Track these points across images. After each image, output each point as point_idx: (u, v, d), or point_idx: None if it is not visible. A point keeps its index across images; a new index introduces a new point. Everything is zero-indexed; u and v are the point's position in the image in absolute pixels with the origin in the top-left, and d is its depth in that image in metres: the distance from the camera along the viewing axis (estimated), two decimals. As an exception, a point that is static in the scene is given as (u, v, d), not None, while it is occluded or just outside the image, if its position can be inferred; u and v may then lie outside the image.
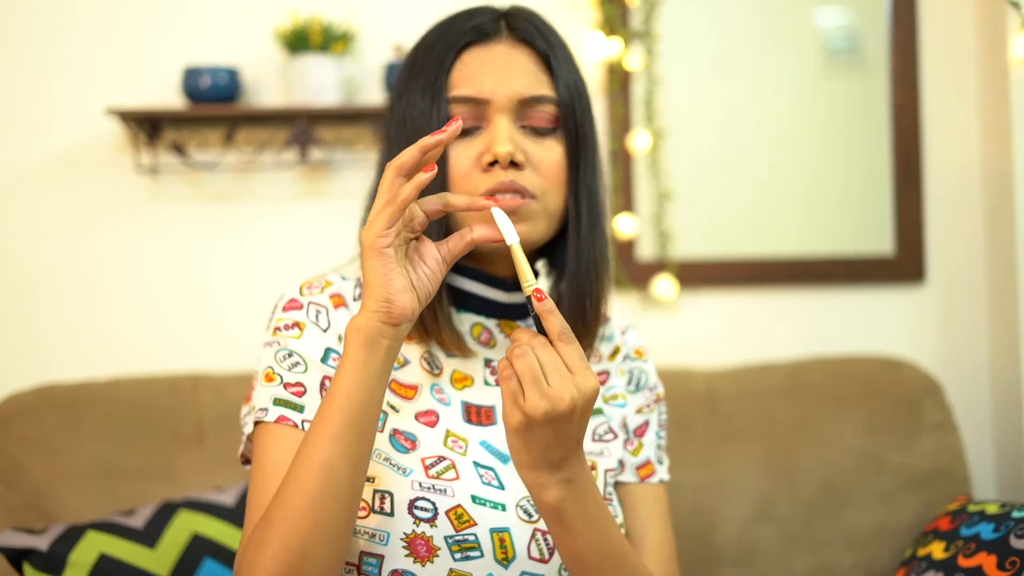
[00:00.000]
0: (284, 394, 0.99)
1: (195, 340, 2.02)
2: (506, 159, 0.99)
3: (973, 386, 2.08)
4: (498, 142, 0.99)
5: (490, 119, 1.02)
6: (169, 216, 2.03)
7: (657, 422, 1.17)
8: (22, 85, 2.01)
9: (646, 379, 1.17)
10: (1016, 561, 1.36)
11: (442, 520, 0.96)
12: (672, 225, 2.07)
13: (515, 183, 1.00)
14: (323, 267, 2.03)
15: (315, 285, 1.07)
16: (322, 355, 1.02)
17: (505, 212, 0.97)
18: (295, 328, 1.03)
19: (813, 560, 1.76)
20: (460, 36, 1.04)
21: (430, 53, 1.04)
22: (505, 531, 0.98)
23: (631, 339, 1.19)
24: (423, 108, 1.02)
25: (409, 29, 2.05)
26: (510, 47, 1.04)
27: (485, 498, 0.98)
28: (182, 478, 1.71)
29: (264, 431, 0.99)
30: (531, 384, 0.84)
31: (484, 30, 1.04)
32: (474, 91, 1.01)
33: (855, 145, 2.10)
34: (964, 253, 2.10)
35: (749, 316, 2.09)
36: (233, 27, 2.03)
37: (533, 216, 1.02)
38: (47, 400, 1.76)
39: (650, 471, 1.13)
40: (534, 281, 0.88)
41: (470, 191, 1.00)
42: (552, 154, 1.03)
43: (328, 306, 1.05)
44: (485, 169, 1.00)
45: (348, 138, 2.03)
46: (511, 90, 1.01)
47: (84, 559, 1.42)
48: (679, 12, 2.07)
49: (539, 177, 1.02)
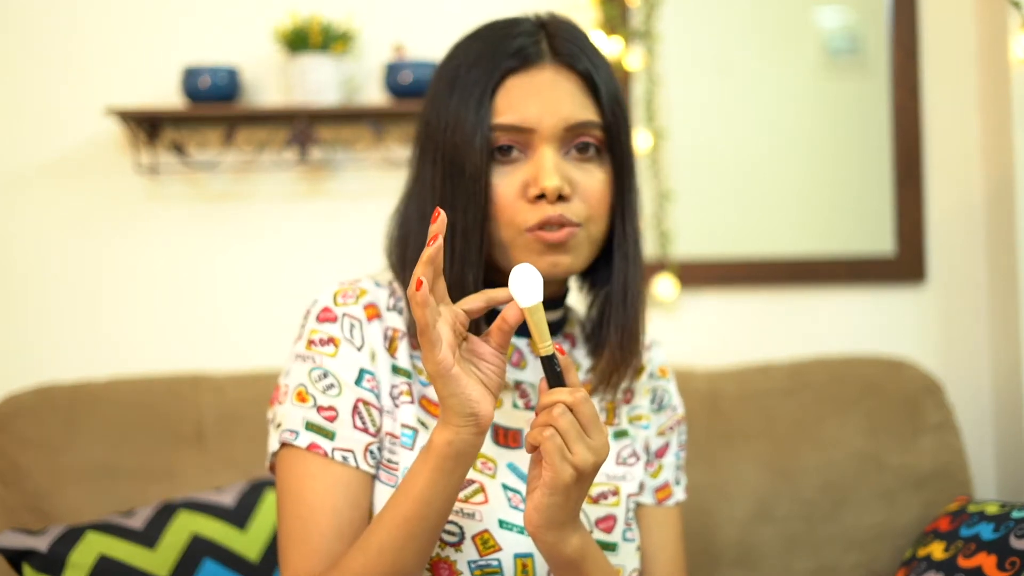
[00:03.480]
0: (316, 418, 0.99)
1: (195, 340, 2.02)
2: (554, 194, 0.97)
3: (974, 386, 2.08)
4: (546, 176, 0.98)
5: (535, 147, 1.00)
6: (168, 216, 2.03)
7: (677, 443, 1.16)
8: (22, 85, 2.01)
9: (668, 399, 1.16)
10: (1016, 561, 1.35)
11: (467, 545, 0.96)
12: (672, 225, 2.07)
13: (563, 216, 0.98)
14: (321, 267, 2.03)
15: (349, 294, 1.04)
16: (356, 377, 1.00)
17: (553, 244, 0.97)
18: (330, 344, 1.01)
19: (813, 560, 1.75)
20: (503, 59, 1.00)
21: (471, 72, 1.01)
22: (529, 557, 0.98)
23: (656, 357, 1.18)
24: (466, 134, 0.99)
25: (409, 29, 2.05)
26: (555, 72, 1.01)
27: (512, 523, 0.98)
28: (182, 479, 1.71)
29: (293, 456, 0.99)
30: (577, 439, 0.85)
31: (527, 55, 1.01)
32: (519, 119, 0.99)
33: (855, 145, 2.10)
34: (965, 253, 2.10)
35: (749, 316, 2.09)
36: (233, 27, 2.03)
37: (578, 246, 1.01)
38: (46, 400, 1.76)
39: (667, 493, 1.13)
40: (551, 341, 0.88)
41: (517, 223, 0.99)
42: (596, 180, 1.01)
43: (362, 319, 1.02)
44: (532, 201, 0.99)
45: (348, 138, 2.03)
46: (558, 118, 0.99)
47: (83, 560, 1.42)
48: (679, 12, 2.07)
49: (585, 205, 1.00)
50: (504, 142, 0.99)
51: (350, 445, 0.98)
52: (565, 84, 1.01)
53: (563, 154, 1.01)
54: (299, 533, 0.96)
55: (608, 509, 1.03)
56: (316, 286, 1.30)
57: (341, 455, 0.98)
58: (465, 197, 0.99)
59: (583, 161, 1.02)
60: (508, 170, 1.00)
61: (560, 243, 0.98)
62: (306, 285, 1.77)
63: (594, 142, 1.02)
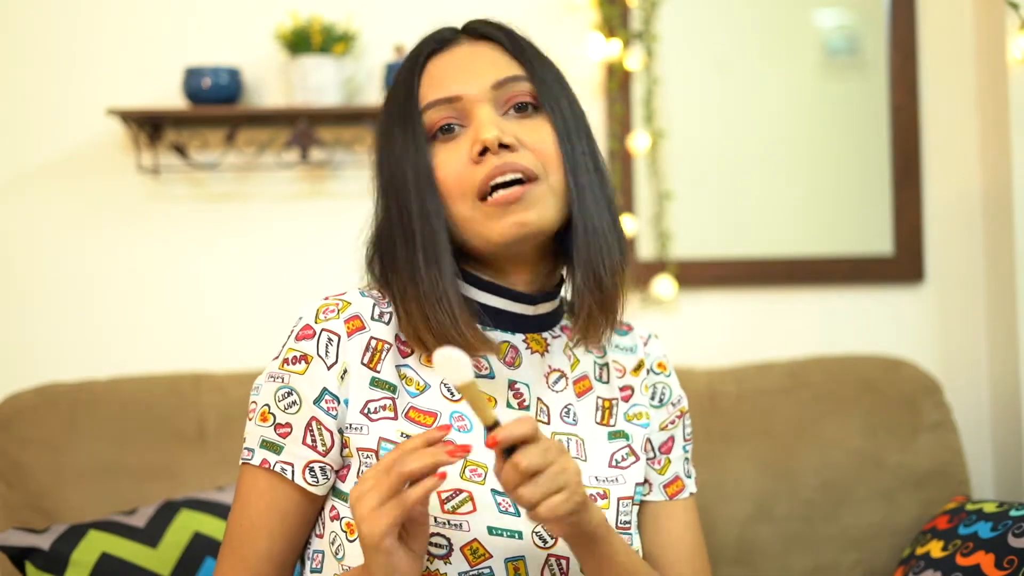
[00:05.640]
0: (271, 436, 1.00)
1: (196, 340, 2.02)
2: (495, 142, 0.97)
3: (972, 386, 2.08)
4: (483, 129, 0.98)
5: (470, 114, 1.00)
6: (170, 216, 2.04)
7: (683, 436, 1.15)
8: (23, 85, 2.02)
9: (669, 394, 1.14)
10: (1014, 560, 1.36)
11: (456, 556, 0.95)
12: (672, 225, 2.07)
13: (512, 163, 0.97)
14: (322, 267, 2.03)
15: (331, 308, 1.02)
16: (317, 395, 0.99)
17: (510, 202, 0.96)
18: (302, 362, 1.00)
19: (812, 559, 1.76)
20: (421, 49, 1.05)
21: (401, 71, 1.05)
22: (520, 559, 0.97)
23: (653, 351, 1.16)
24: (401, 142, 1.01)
25: (409, 29, 2.04)
26: (471, 45, 1.05)
27: (502, 527, 0.97)
28: (183, 477, 1.72)
29: (246, 473, 1.02)
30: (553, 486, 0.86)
31: (443, 38, 1.05)
32: (445, 92, 1.00)
33: (854, 145, 2.10)
34: (963, 253, 2.10)
35: (748, 316, 2.09)
36: (234, 28, 2.03)
37: (541, 198, 0.99)
38: (48, 400, 1.76)
39: (679, 487, 1.12)
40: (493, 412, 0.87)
41: (468, 187, 0.99)
42: (542, 132, 1.01)
43: (342, 333, 1.01)
44: (477, 160, 0.98)
45: (349, 139, 2.04)
46: (481, 79, 1.01)
47: (86, 558, 1.42)
48: (679, 12, 2.07)
49: (534, 155, 1.00)
50: (441, 120, 1.01)
51: (292, 459, 0.99)
52: (483, 50, 1.04)
53: (501, 114, 1.01)
54: (236, 545, 1.01)
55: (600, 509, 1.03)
56: (316, 286, 1.30)
57: (281, 467, 0.99)
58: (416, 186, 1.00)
59: (524, 118, 1.02)
60: (452, 146, 1.01)
61: (516, 199, 0.97)
62: (307, 285, 1.78)
63: (529, 99, 1.02)
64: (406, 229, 1.01)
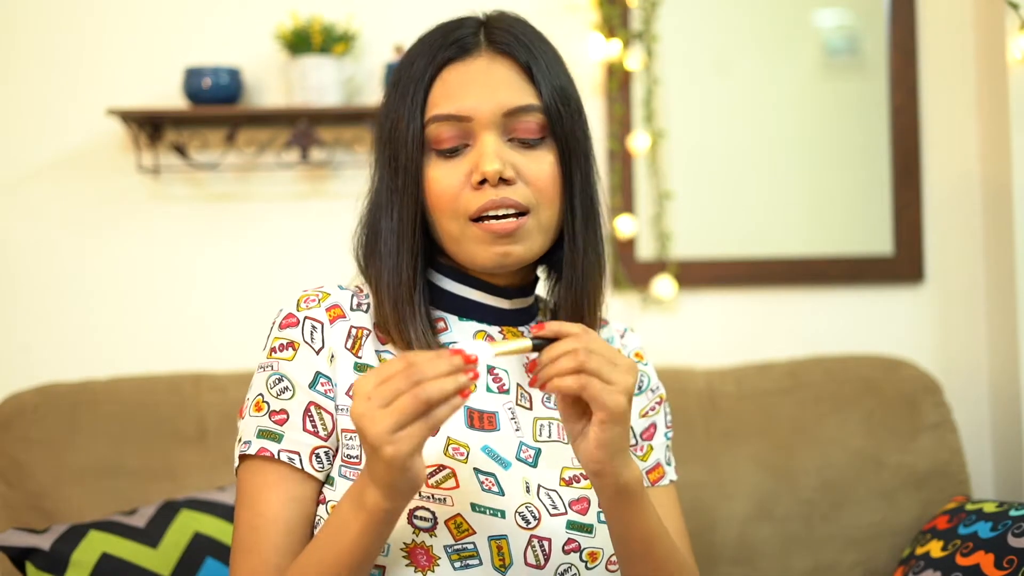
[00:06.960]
0: (268, 424, 1.00)
1: (196, 339, 2.02)
2: (495, 177, 0.98)
3: (972, 386, 2.08)
4: (486, 160, 0.98)
5: (476, 136, 1.00)
6: (170, 216, 2.04)
7: (664, 423, 1.16)
8: (23, 85, 2.02)
9: (648, 381, 1.16)
10: (1013, 560, 1.36)
11: (441, 529, 0.97)
12: (672, 225, 2.08)
13: (507, 199, 0.99)
14: (322, 267, 2.03)
15: (312, 298, 1.05)
16: (311, 379, 1.01)
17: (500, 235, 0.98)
18: (289, 348, 1.02)
19: (812, 559, 1.76)
20: (439, 51, 1.02)
21: (412, 68, 1.03)
22: (503, 538, 0.98)
23: (630, 343, 1.18)
24: (401, 128, 1.01)
25: (409, 29, 2.04)
26: (490, 60, 1.02)
27: (485, 505, 0.98)
28: (184, 477, 1.72)
29: (247, 465, 1.01)
30: (610, 370, 0.88)
31: (464, 45, 1.02)
32: (455, 108, 1.00)
33: (854, 145, 2.10)
34: (963, 253, 2.10)
35: (749, 316, 2.09)
36: (234, 28, 2.04)
37: (530, 233, 1.01)
38: (48, 400, 1.76)
39: (660, 474, 1.14)
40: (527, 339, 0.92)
41: (460, 211, 1.00)
42: (543, 165, 1.01)
43: (324, 321, 1.04)
44: (475, 188, 0.99)
45: (349, 139, 2.04)
46: (494, 104, 1.00)
47: (86, 558, 1.42)
48: (679, 12, 2.07)
49: (531, 190, 1.01)
50: (446, 134, 1.01)
51: (297, 447, 0.99)
52: (501, 71, 1.02)
53: (505, 140, 1.01)
54: (250, 543, 0.98)
55: (581, 491, 1.03)
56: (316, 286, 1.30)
57: (287, 456, 0.99)
58: (403, 189, 1.01)
59: (528, 147, 1.02)
60: (454, 163, 1.01)
61: (508, 233, 0.99)
62: (306, 285, 1.76)
63: (536, 135, 1.02)
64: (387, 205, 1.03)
